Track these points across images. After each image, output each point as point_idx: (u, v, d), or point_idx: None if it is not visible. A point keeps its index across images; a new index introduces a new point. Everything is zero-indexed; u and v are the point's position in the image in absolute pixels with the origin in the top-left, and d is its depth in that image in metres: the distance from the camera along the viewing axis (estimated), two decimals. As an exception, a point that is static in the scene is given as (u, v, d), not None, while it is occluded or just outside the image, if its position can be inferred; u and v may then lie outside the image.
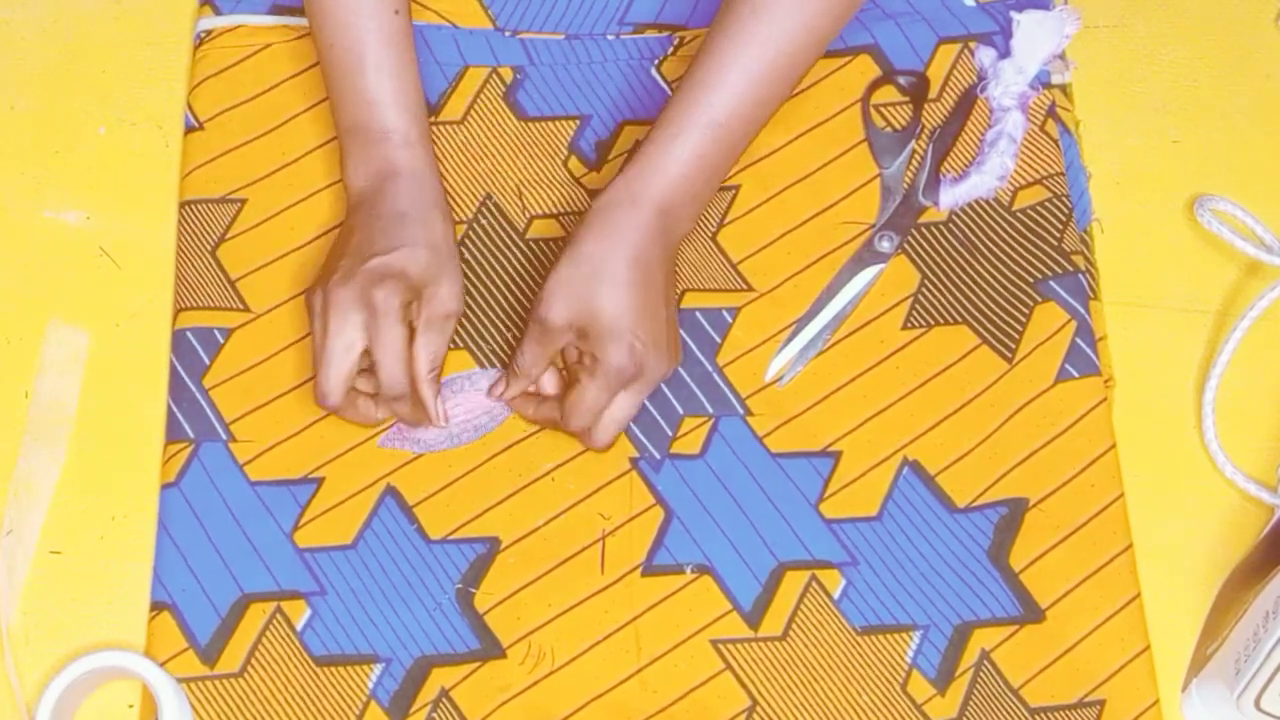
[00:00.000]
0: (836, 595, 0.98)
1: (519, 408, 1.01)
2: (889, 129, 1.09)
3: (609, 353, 0.96)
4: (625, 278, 0.96)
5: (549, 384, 1.01)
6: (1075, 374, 1.02)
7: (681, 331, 1.04)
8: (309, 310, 0.99)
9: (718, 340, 1.04)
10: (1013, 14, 1.11)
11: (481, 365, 1.03)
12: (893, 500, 1.00)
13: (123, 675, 0.95)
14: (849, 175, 1.08)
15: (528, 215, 1.07)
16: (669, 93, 1.10)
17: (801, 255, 1.06)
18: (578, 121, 1.09)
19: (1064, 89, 1.11)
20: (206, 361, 1.03)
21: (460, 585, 0.98)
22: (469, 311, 1.04)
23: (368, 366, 0.99)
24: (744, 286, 1.05)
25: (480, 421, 1.01)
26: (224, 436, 1.01)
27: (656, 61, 1.11)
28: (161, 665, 0.95)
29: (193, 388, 1.02)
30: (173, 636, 0.96)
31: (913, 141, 1.08)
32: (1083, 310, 1.03)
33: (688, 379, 1.03)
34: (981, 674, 0.96)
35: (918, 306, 1.04)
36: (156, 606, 0.97)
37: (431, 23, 1.12)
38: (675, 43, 1.12)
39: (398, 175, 1.01)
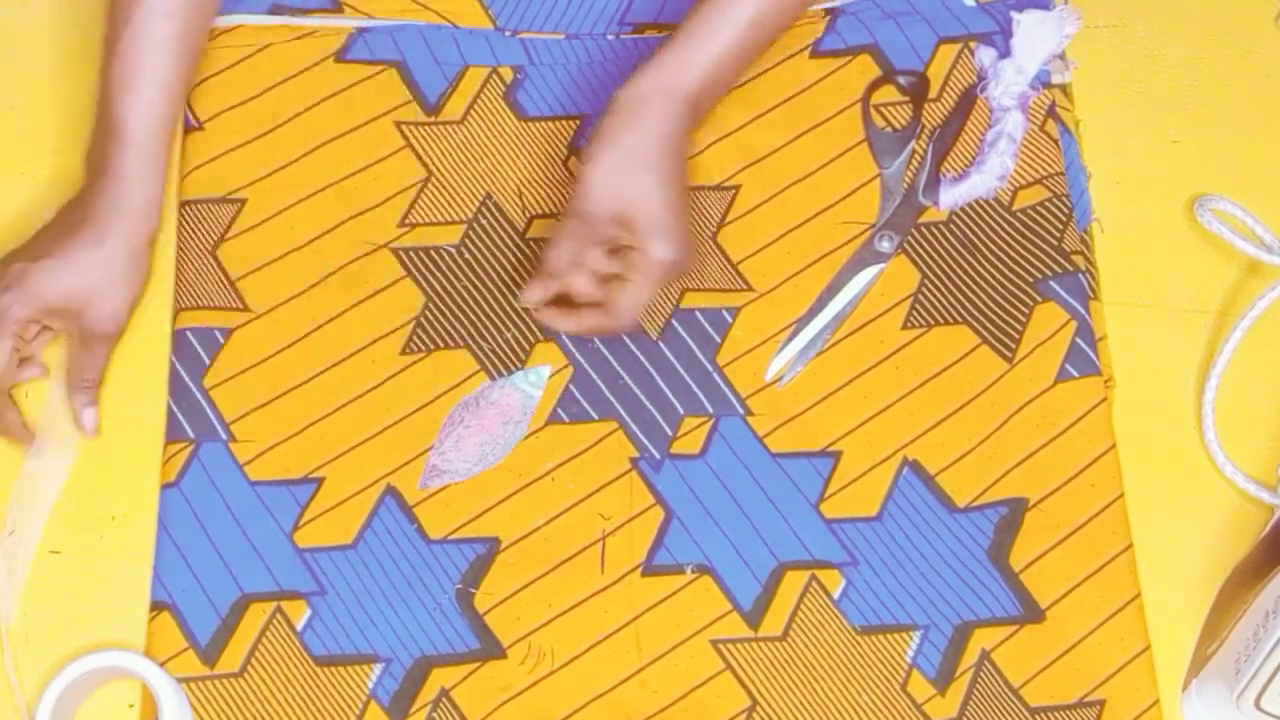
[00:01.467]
0: (836, 595, 0.98)
1: (550, 321, 1.01)
2: (889, 129, 1.09)
3: (658, 244, 0.97)
4: (666, 168, 0.97)
5: (584, 285, 1.00)
6: (1075, 374, 1.02)
7: (681, 331, 1.04)
8: None
9: (718, 340, 1.04)
10: (1013, 14, 1.11)
11: (482, 365, 1.03)
12: (893, 500, 1.00)
13: (123, 675, 0.95)
14: (849, 175, 1.08)
15: (528, 215, 1.07)
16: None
17: (801, 255, 1.06)
18: (578, 121, 1.09)
19: (1064, 89, 1.11)
20: (207, 361, 1.03)
21: (460, 585, 0.98)
22: (469, 311, 1.04)
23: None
24: (744, 286, 1.05)
25: (506, 433, 1.01)
26: (224, 436, 1.01)
27: (656, 61, 1.11)
28: (161, 665, 0.95)
29: (193, 388, 1.02)
30: (173, 636, 0.96)
31: (913, 141, 1.08)
32: (1083, 310, 1.03)
33: (687, 378, 1.03)
34: (981, 674, 0.96)
35: (918, 306, 1.04)
36: (156, 606, 0.97)
37: (431, 22, 1.12)
38: (675, 43, 1.11)
39: (108, 178, 1.01)
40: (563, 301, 1.00)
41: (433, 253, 1.05)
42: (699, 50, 1.00)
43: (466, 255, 1.06)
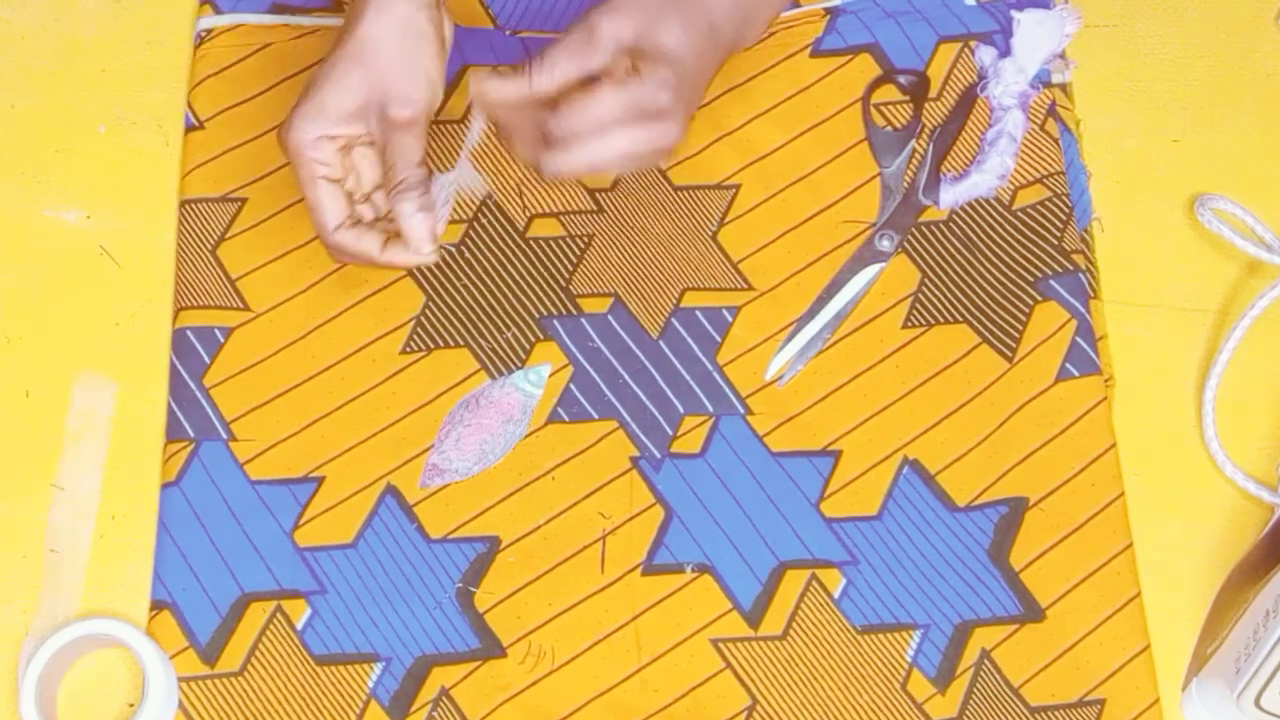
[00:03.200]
0: (837, 594, 0.98)
1: (501, 92, 0.90)
2: (889, 128, 1.09)
3: (653, 73, 0.86)
4: (697, 21, 0.88)
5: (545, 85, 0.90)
6: (1075, 373, 1.02)
7: (682, 330, 1.04)
8: None
9: (718, 339, 1.04)
10: (1013, 13, 1.11)
11: (482, 364, 1.03)
12: (893, 499, 1.00)
13: (109, 644, 0.95)
14: (849, 174, 1.08)
15: (528, 214, 1.07)
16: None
17: (802, 254, 1.06)
18: (578, 121, 1.09)
19: (1064, 88, 1.11)
20: (207, 360, 1.03)
21: (460, 584, 0.98)
22: (469, 311, 1.04)
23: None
24: (744, 286, 1.05)
25: (506, 433, 1.01)
26: (224, 435, 1.01)
27: (657, 61, 1.11)
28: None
29: (193, 387, 1.02)
30: (173, 635, 0.96)
31: (913, 140, 1.08)
32: (1083, 309, 1.03)
33: (688, 378, 1.03)
34: (982, 673, 0.96)
35: (918, 305, 1.04)
36: (156, 606, 0.97)
37: (432, 22, 1.12)
38: (675, 42, 1.11)
39: None
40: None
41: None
42: None
43: (466, 255, 1.06)
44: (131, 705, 0.96)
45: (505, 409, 1.02)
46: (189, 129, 1.09)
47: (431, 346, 1.04)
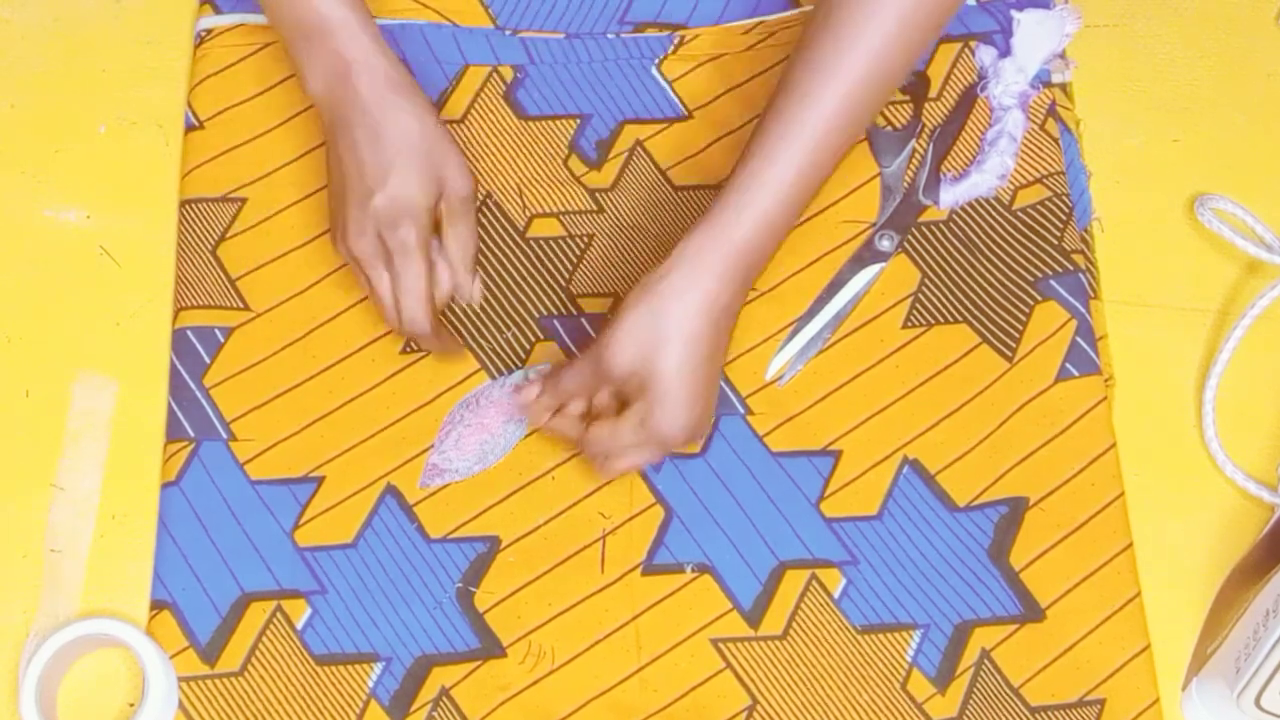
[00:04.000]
0: (837, 594, 0.98)
1: (533, 414, 0.99)
2: (889, 127, 1.09)
3: (661, 416, 0.93)
4: (700, 341, 0.93)
5: (577, 405, 0.98)
6: (1075, 373, 1.02)
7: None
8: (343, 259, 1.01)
9: (718, 339, 1.04)
10: (1013, 13, 1.11)
11: (482, 364, 1.03)
12: (893, 499, 1.00)
13: (109, 644, 0.95)
14: (849, 174, 1.07)
15: (528, 214, 1.07)
16: (669, 92, 1.10)
17: (801, 254, 1.06)
18: (578, 120, 1.09)
19: (1064, 88, 1.11)
20: (207, 360, 1.03)
21: (460, 584, 0.98)
22: (469, 311, 1.04)
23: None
24: (744, 286, 1.05)
25: (506, 432, 1.01)
26: (224, 435, 1.01)
27: (657, 60, 1.11)
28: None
29: (193, 387, 1.02)
30: (173, 635, 0.96)
31: (913, 140, 1.08)
32: (1083, 309, 1.03)
33: (688, 378, 1.03)
34: (982, 673, 0.96)
35: (918, 305, 1.04)
36: (156, 605, 0.97)
37: (432, 21, 1.12)
38: (676, 41, 1.12)
39: (352, 73, 0.98)
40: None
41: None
42: (750, 206, 0.94)
43: (467, 255, 1.06)
44: (131, 705, 0.96)
45: (505, 409, 1.02)
46: (189, 129, 1.09)
47: (431, 346, 1.04)
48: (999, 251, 1.06)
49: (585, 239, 1.06)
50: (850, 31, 0.94)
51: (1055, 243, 1.05)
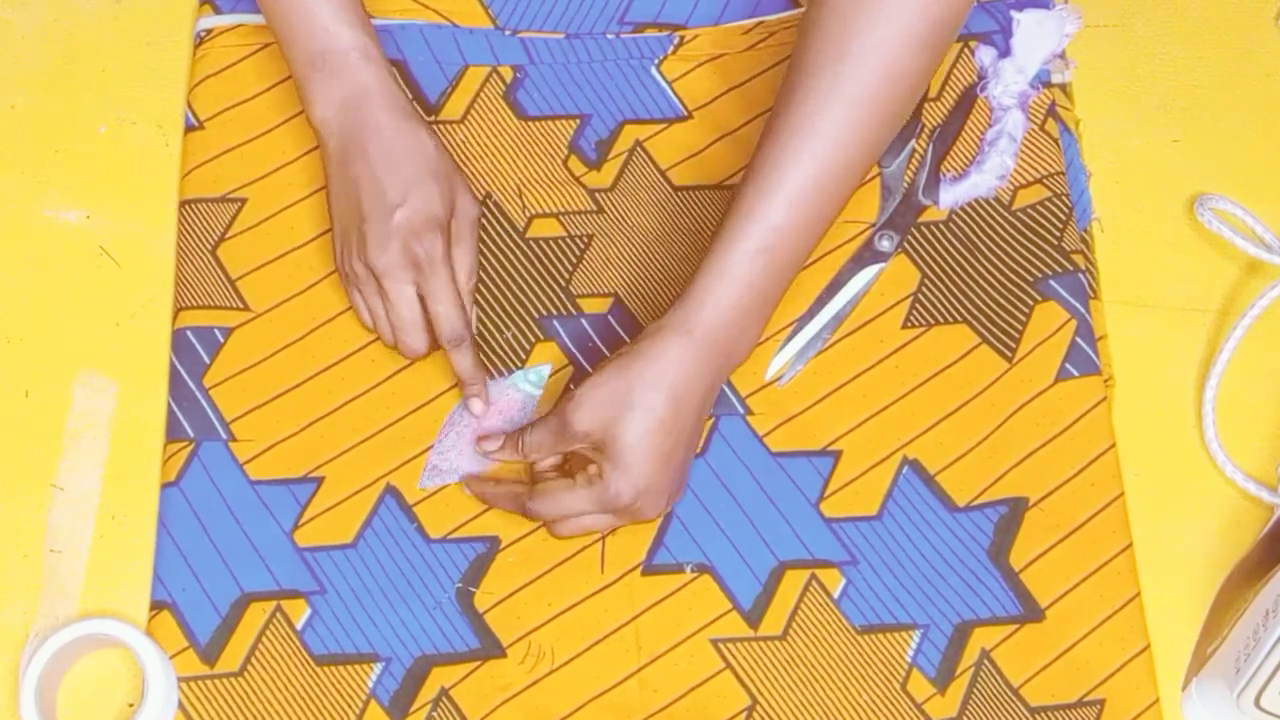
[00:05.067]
0: (836, 594, 0.98)
1: (473, 486, 1.00)
2: (889, 128, 1.09)
3: (614, 481, 0.94)
4: (660, 414, 0.93)
5: (543, 464, 0.99)
6: (1075, 373, 1.02)
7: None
8: (349, 282, 1.01)
9: (718, 339, 1.04)
10: (1013, 13, 1.11)
11: (482, 364, 1.03)
12: (893, 499, 1.00)
13: (109, 644, 0.95)
14: (849, 174, 1.07)
15: (528, 214, 1.07)
16: (669, 92, 1.10)
17: (801, 254, 1.06)
18: (578, 121, 1.09)
19: (1064, 88, 1.11)
20: (206, 361, 1.03)
21: (460, 584, 0.98)
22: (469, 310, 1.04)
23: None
24: (744, 286, 1.05)
25: (507, 430, 1.01)
26: (224, 436, 1.01)
27: (656, 61, 1.11)
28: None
29: (193, 387, 1.02)
30: (173, 635, 0.96)
31: (913, 140, 1.08)
32: (1083, 309, 1.03)
33: (688, 378, 1.03)
34: (981, 673, 0.96)
35: (918, 306, 1.04)
36: (156, 606, 0.97)
37: (431, 22, 1.12)
38: (675, 42, 1.11)
39: (367, 98, 1.00)
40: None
41: None
42: (714, 288, 0.94)
43: (466, 255, 1.06)
44: (131, 705, 0.96)
45: (505, 409, 1.02)
46: (189, 129, 1.09)
47: (431, 346, 1.03)
48: (999, 252, 1.06)
49: (585, 239, 1.06)
50: (808, 116, 0.95)
51: (1055, 243, 1.05)
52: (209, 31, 1.11)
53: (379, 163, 0.99)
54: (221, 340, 1.03)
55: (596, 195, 1.07)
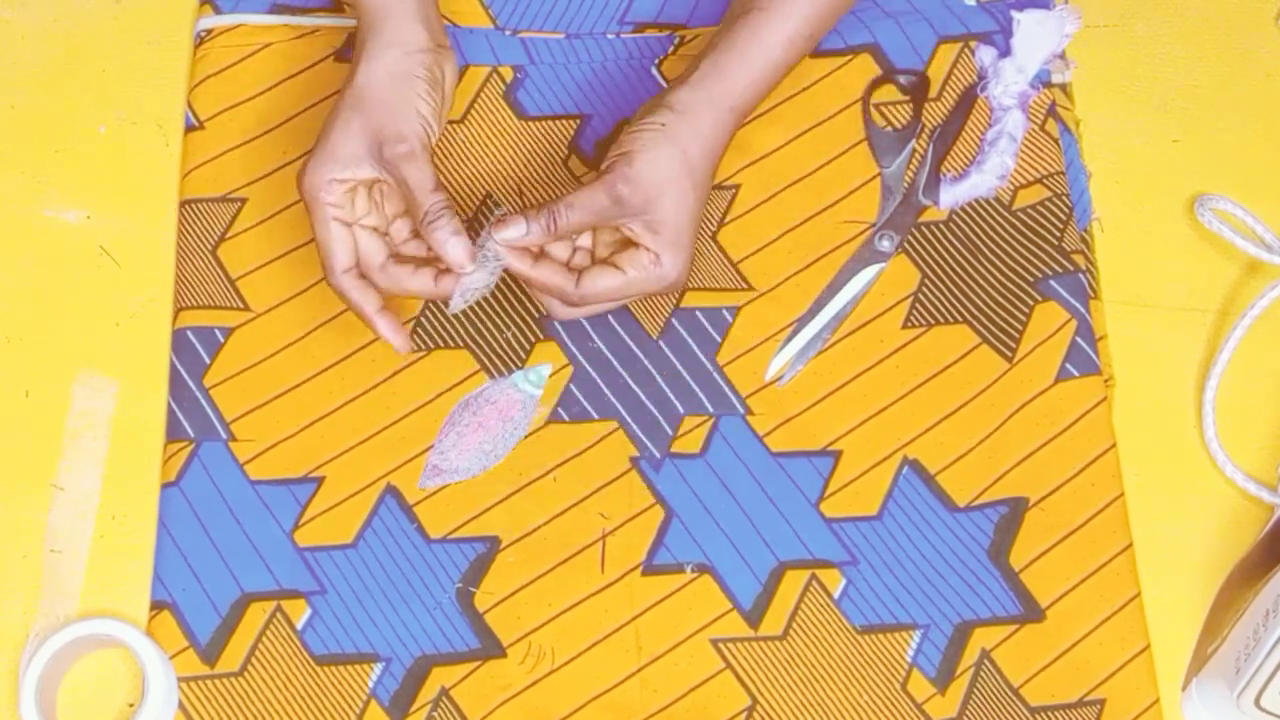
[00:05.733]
0: (837, 594, 0.98)
1: (510, 261, 0.96)
2: (889, 128, 1.09)
3: (670, 263, 0.96)
4: (704, 185, 0.97)
5: (561, 251, 0.99)
6: (1075, 373, 1.02)
7: (681, 331, 1.04)
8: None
9: (718, 340, 1.04)
10: (1013, 13, 1.11)
11: (482, 364, 1.03)
12: (893, 499, 1.00)
13: (109, 644, 0.95)
14: (849, 174, 1.08)
15: (528, 215, 1.07)
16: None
17: (801, 254, 1.06)
18: (578, 121, 1.09)
19: (1064, 88, 1.11)
20: (207, 361, 1.03)
21: (460, 584, 0.98)
22: (469, 311, 1.04)
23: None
24: (744, 286, 1.05)
25: (506, 433, 1.01)
26: (224, 436, 1.01)
27: (657, 61, 1.11)
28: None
29: (193, 387, 1.02)
30: (173, 636, 0.96)
31: (913, 141, 1.08)
32: (1083, 309, 1.03)
33: (688, 378, 1.03)
34: (982, 673, 0.96)
35: (918, 306, 1.04)
36: (156, 606, 0.97)
37: (432, 22, 1.12)
38: (676, 42, 1.12)
39: (369, 29, 0.98)
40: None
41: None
42: (744, 63, 0.99)
43: (466, 255, 1.06)
44: (131, 705, 0.96)
45: (505, 409, 1.02)
46: (189, 129, 1.09)
47: (431, 346, 1.04)
48: (999, 252, 1.06)
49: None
50: None
51: (1055, 243, 1.05)
52: (209, 31, 1.11)
53: (344, 89, 0.98)
54: (222, 340, 1.03)
55: (597, 195, 1.07)
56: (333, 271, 0.98)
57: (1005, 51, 1.10)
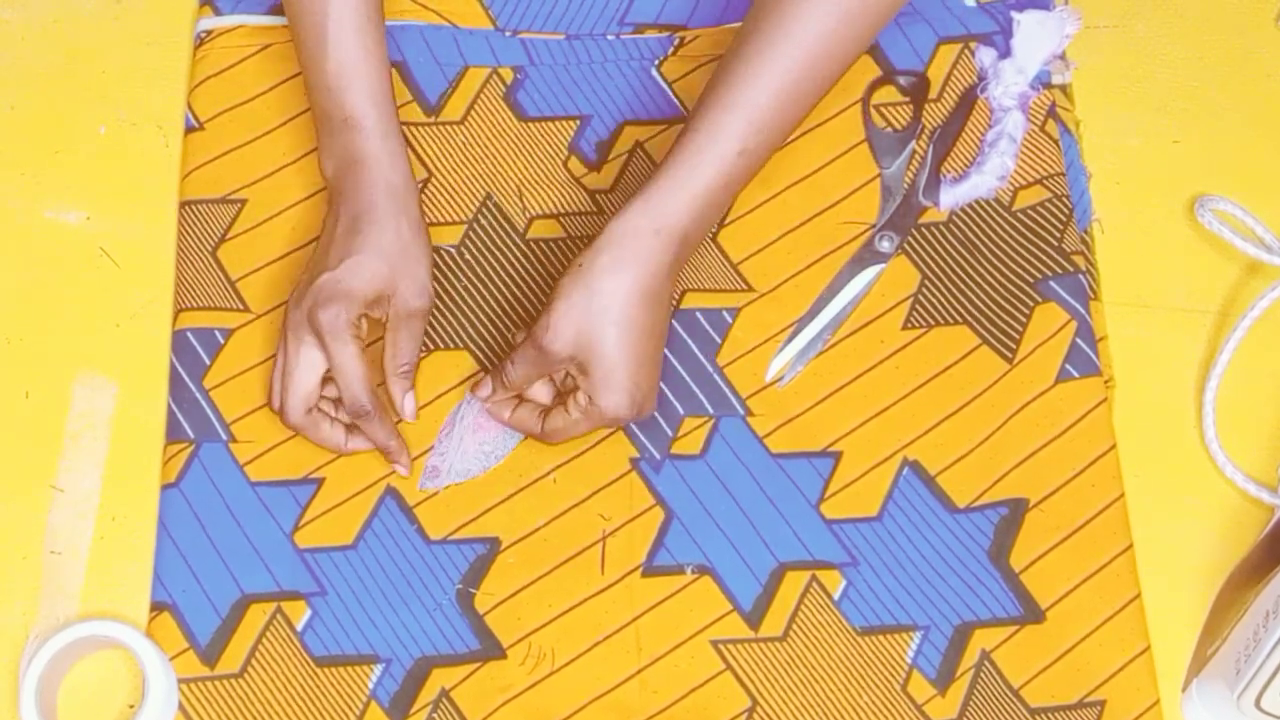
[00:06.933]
0: (837, 595, 0.98)
1: (494, 410, 1.01)
2: (889, 129, 1.09)
3: (606, 398, 0.95)
4: (636, 320, 0.94)
5: (541, 394, 1.00)
6: (1075, 374, 1.02)
7: (681, 332, 1.04)
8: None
9: (718, 340, 1.04)
10: (1013, 14, 1.11)
11: (482, 366, 1.03)
12: (893, 500, 1.00)
13: (109, 645, 0.95)
14: (849, 175, 1.08)
15: (528, 215, 1.07)
16: (669, 93, 1.10)
17: (801, 255, 1.06)
18: (578, 121, 1.09)
19: (1064, 89, 1.11)
20: (207, 362, 1.03)
21: (460, 586, 0.98)
22: (469, 312, 1.04)
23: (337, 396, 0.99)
24: (744, 286, 1.05)
25: (505, 435, 1.01)
26: (224, 437, 1.01)
27: (657, 61, 1.11)
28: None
29: (193, 388, 1.02)
30: (173, 637, 0.96)
31: (913, 141, 1.08)
32: (1083, 310, 1.03)
33: (688, 379, 1.03)
34: (982, 674, 0.96)
35: (918, 306, 1.04)
36: (156, 607, 0.97)
37: (431, 23, 1.12)
38: (675, 43, 1.12)
39: (361, 166, 1.00)
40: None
41: (432, 253, 1.05)
42: (688, 184, 0.95)
43: (466, 255, 1.06)
44: (131, 707, 0.96)
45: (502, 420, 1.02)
46: (189, 130, 1.09)
47: (431, 348, 1.04)
48: (999, 253, 1.06)
49: (585, 240, 1.06)
50: (793, 11, 0.95)
51: (1055, 244, 1.05)
52: (209, 32, 1.11)
53: (342, 227, 0.99)
54: (222, 341, 1.03)
55: (597, 196, 1.07)
56: (361, 381, 0.98)
57: (1005, 52, 1.10)
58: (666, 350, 1.03)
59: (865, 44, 0.99)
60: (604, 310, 0.94)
